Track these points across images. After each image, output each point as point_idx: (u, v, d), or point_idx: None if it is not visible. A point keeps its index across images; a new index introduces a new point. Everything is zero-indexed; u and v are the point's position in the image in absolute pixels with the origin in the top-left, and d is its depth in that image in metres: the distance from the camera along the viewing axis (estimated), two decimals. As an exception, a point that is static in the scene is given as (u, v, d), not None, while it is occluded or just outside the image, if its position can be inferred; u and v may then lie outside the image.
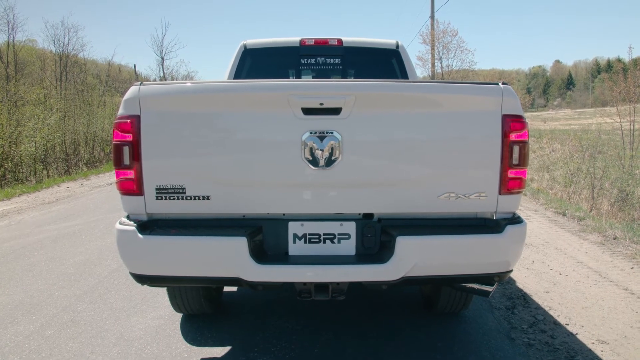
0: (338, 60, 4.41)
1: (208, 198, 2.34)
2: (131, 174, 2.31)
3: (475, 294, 2.70)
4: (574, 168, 9.57)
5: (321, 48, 4.35)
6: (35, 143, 12.04)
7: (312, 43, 4.32)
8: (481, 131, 2.34)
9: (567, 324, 3.31)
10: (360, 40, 4.43)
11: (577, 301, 3.71)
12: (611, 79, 11.50)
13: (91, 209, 7.24)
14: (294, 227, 2.39)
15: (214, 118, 2.35)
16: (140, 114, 2.28)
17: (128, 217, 2.40)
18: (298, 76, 4.59)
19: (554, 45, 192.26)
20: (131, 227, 2.31)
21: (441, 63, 27.14)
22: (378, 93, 2.34)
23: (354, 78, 4.52)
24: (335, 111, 2.26)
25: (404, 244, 2.25)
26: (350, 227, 2.39)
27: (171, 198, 2.33)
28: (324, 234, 2.39)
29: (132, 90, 2.32)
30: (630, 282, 4.08)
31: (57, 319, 3.38)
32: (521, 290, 3.91)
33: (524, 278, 4.21)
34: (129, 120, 2.28)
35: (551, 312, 3.50)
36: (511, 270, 2.45)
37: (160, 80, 31.62)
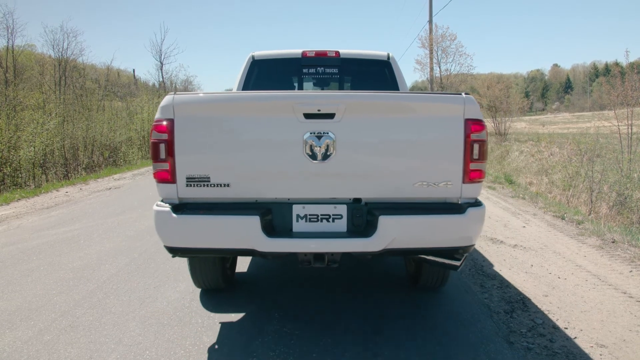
0: (335, 70, 4.93)
1: (228, 185, 2.86)
2: (166, 166, 2.83)
3: (446, 267, 3.18)
4: (573, 172, 9.59)
5: (321, 59, 4.84)
6: (34, 148, 12.04)
7: (313, 55, 4.82)
8: (448, 132, 2.85)
9: (566, 328, 3.31)
10: (355, 52, 4.92)
11: (575, 305, 3.71)
12: (609, 83, 11.55)
13: (90, 214, 7.23)
14: (297, 209, 2.91)
15: (233, 121, 2.85)
16: (174, 118, 2.80)
17: (162, 201, 2.90)
18: (300, 84, 5.15)
19: (552, 49, 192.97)
20: (166, 208, 2.82)
21: (440, 67, 27.23)
22: (364, 101, 2.86)
23: (350, 85, 5.11)
24: (330, 116, 2.78)
25: (385, 221, 2.77)
26: (343, 209, 2.91)
27: (198, 185, 2.85)
28: (321, 215, 2.91)
29: (167, 98, 2.85)
30: (629, 285, 4.09)
31: (56, 324, 3.38)
32: (520, 294, 3.91)
33: (522, 282, 4.21)
34: (164, 123, 2.80)
35: (550, 316, 3.50)
36: (473, 245, 2.95)
37: (160, 84, 31.75)
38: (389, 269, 4.57)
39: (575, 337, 3.16)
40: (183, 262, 4.71)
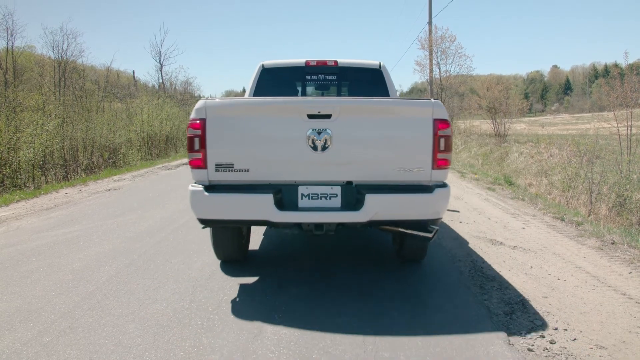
0: (334, 77, 5.63)
1: (248, 170, 3.58)
2: (199, 156, 3.54)
3: (421, 239, 3.84)
4: (572, 173, 9.60)
5: (321, 67, 5.46)
6: (33, 149, 12.02)
7: (315, 64, 5.41)
8: (420, 129, 3.56)
9: (566, 329, 3.31)
10: (351, 61, 5.55)
11: (575, 306, 3.71)
12: (608, 84, 11.56)
13: (89, 215, 7.23)
14: (302, 189, 3.63)
15: (252, 120, 3.57)
16: (206, 118, 3.51)
17: (196, 183, 3.60)
18: (304, 89, 5.94)
19: (551, 50, 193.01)
20: (200, 188, 3.53)
21: (439, 68, 27.29)
22: (354, 105, 3.59)
23: (347, 90, 5.86)
24: (328, 116, 3.50)
25: (370, 199, 3.49)
26: (337, 190, 3.63)
27: (224, 170, 3.57)
28: (321, 194, 3.63)
29: (200, 102, 3.60)
30: (629, 287, 4.09)
31: (55, 325, 3.37)
32: (520, 296, 3.91)
33: (522, 283, 4.21)
34: (198, 121, 3.51)
35: (550, 318, 3.50)
36: (440, 218, 3.68)
37: (159, 85, 31.78)
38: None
39: (575, 339, 3.16)
40: (182, 264, 4.71)
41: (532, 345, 3.07)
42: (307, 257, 5.04)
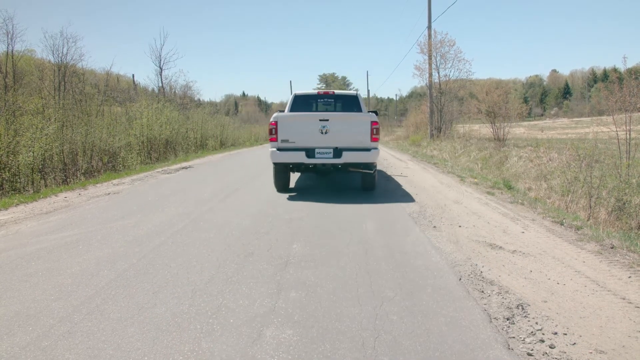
0: (332, 100, 11.21)
1: (294, 142, 8.87)
2: (275, 136, 8.85)
3: (369, 175, 9.26)
4: (572, 177, 9.60)
5: (326, 95, 10.98)
6: (33, 153, 12.02)
7: (322, 93, 10.88)
8: (366, 125, 8.82)
9: (566, 334, 3.30)
10: (341, 91, 11.02)
11: (575, 311, 3.71)
12: (607, 89, 11.57)
13: (89, 219, 7.22)
14: (317, 150, 8.85)
15: (295, 122, 9.00)
16: (277, 121, 8.89)
17: (273, 148, 8.91)
18: (316, 106, 11.09)
19: (550, 54, 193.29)
20: (275, 149, 8.91)
21: (438, 73, 27.34)
22: (338, 115, 9.52)
23: (340, 106, 10.96)
24: (327, 119, 8.90)
25: (344, 153, 8.81)
26: (331, 150, 8.84)
27: (284, 142, 8.87)
28: (324, 152, 8.82)
29: (275, 115, 9.06)
30: (628, 291, 4.09)
31: (54, 330, 3.37)
32: (519, 300, 3.91)
33: (521, 287, 4.21)
34: (274, 122, 8.90)
35: (549, 322, 3.49)
36: (375, 163, 9.13)
37: (159, 89, 31.87)
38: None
39: (575, 343, 3.16)
40: (181, 268, 4.71)
41: (532, 350, 3.07)
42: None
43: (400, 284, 4.26)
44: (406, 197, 9.10)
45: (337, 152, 8.77)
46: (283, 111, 9.68)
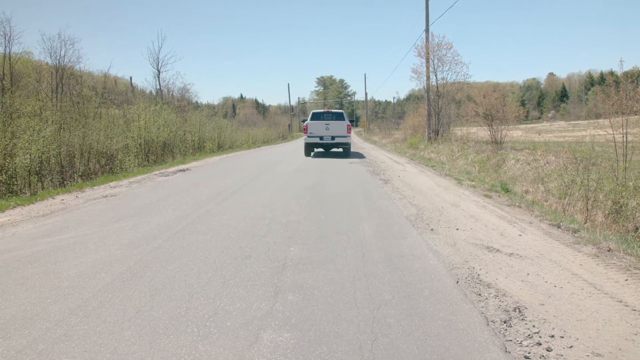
0: (331, 115, 22.74)
1: (313, 133, 22.00)
2: (305, 130, 22.25)
3: (347, 149, 23.10)
4: (569, 180, 9.63)
5: (329, 111, 23.01)
6: (30, 155, 11.99)
7: (327, 110, 23.28)
8: (345, 126, 21.91)
9: (562, 337, 3.31)
10: (334, 110, 23.16)
11: (572, 313, 3.71)
12: (604, 92, 11.60)
13: (86, 222, 7.21)
14: (324, 137, 21.94)
15: (314, 124, 22.06)
16: (307, 125, 22.12)
17: (304, 136, 22.78)
18: (324, 117, 22.52)
19: (547, 58, 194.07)
20: (306, 136, 22.40)
21: (436, 76, 27.41)
22: (332, 121, 22.21)
23: (335, 118, 22.50)
24: (329, 123, 22.22)
25: (336, 138, 21.89)
26: (330, 137, 21.88)
27: (310, 134, 22.15)
28: (327, 137, 21.82)
29: (307, 121, 22.50)
30: (625, 294, 4.10)
31: (50, 333, 3.36)
32: (517, 303, 3.91)
33: (519, 290, 4.21)
34: (305, 123, 22.43)
35: (546, 325, 3.50)
36: (350, 143, 23.13)
37: (157, 92, 31.92)
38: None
39: (572, 346, 3.17)
40: (178, 271, 4.70)
41: (529, 353, 3.07)
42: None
43: (397, 287, 4.26)
44: (403, 200, 9.11)
45: (333, 138, 21.50)
46: (306, 120, 22.44)
